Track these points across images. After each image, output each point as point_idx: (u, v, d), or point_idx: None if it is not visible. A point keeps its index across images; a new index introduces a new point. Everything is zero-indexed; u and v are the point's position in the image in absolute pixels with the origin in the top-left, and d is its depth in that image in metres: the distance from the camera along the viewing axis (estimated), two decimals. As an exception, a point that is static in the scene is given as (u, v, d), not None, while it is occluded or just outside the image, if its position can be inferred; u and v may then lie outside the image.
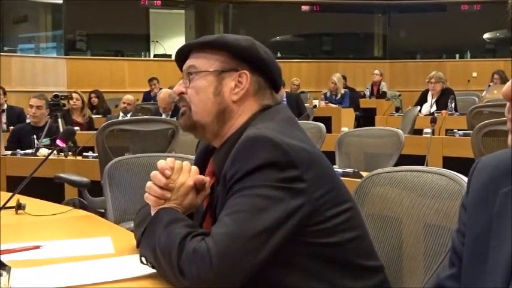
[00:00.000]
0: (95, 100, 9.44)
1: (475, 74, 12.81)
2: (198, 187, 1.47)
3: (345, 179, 2.93)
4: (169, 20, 14.37)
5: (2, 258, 1.38)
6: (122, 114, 7.27)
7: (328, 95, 10.18)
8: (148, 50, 13.84)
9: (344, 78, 10.83)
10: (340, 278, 1.39)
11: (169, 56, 12.57)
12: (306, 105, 8.23)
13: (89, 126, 6.64)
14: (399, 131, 4.19)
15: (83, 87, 9.19)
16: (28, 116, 5.96)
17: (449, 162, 5.05)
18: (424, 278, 1.51)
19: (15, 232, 1.89)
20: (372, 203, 1.51)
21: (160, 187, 1.43)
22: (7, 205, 1.66)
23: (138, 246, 1.50)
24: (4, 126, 6.50)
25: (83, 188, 3.30)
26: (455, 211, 1.43)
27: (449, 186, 1.52)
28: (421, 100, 7.94)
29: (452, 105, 7.53)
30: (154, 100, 8.83)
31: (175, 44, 13.64)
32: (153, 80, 11.29)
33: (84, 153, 4.63)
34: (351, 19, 14.45)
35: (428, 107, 7.73)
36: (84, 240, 1.76)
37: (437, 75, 7.78)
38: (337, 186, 1.42)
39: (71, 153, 4.64)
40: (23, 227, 2.00)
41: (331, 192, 1.39)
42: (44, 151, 4.57)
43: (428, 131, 5.65)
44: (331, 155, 3.94)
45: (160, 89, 9.35)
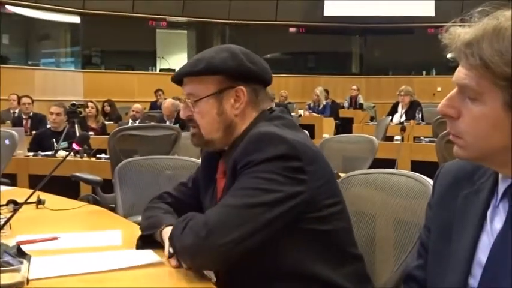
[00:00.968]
0: (107, 108, 9.42)
1: (440, 88, 12.83)
2: None
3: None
4: (174, 39, 14.37)
5: (23, 248, 1.37)
6: (131, 121, 7.26)
7: (311, 105, 10.23)
8: (155, 65, 13.81)
9: (326, 91, 10.84)
10: (333, 262, 1.37)
11: (174, 71, 12.43)
12: (292, 114, 8.24)
13: (102, 131, 6.61)
14: (373, 137, 4.20)
15: (97, 97, 9.14)
16: (48, 122, 5.92)
17: (417, 166, 5.06)
18: (394, 267, 1.51)
19: (36, 225, 1.88)
20: (349, 201, 1.50)
21: None
22: (29, 200, 1.65)
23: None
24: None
25: (96, 186, 3.27)
26: (421, 209, 1.43)
27: (416, 187, 1.52)
28: (393, 111, 7.96)
29: (420, 115, 7.56)
30: (160, 109, 8.81)
31: (179, 60, 13.67)
32: (158, 91, 11.28)
33: (97, 155, 4.62)
34: (332, 40, 14.50)
35: (398, 117, 7.75)
36: (96, 232, 1.74)
37: (406, 89, 7.80)
38: (332, 180, 1.41)
39: (85, 155, 4.63)
40: (42, 220, 1.98)
41: (327, 184, 1.37)
42: (62, 153, 4.55)
43: (398, 138, 5.68)
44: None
45: (165, 99, 9.32)
